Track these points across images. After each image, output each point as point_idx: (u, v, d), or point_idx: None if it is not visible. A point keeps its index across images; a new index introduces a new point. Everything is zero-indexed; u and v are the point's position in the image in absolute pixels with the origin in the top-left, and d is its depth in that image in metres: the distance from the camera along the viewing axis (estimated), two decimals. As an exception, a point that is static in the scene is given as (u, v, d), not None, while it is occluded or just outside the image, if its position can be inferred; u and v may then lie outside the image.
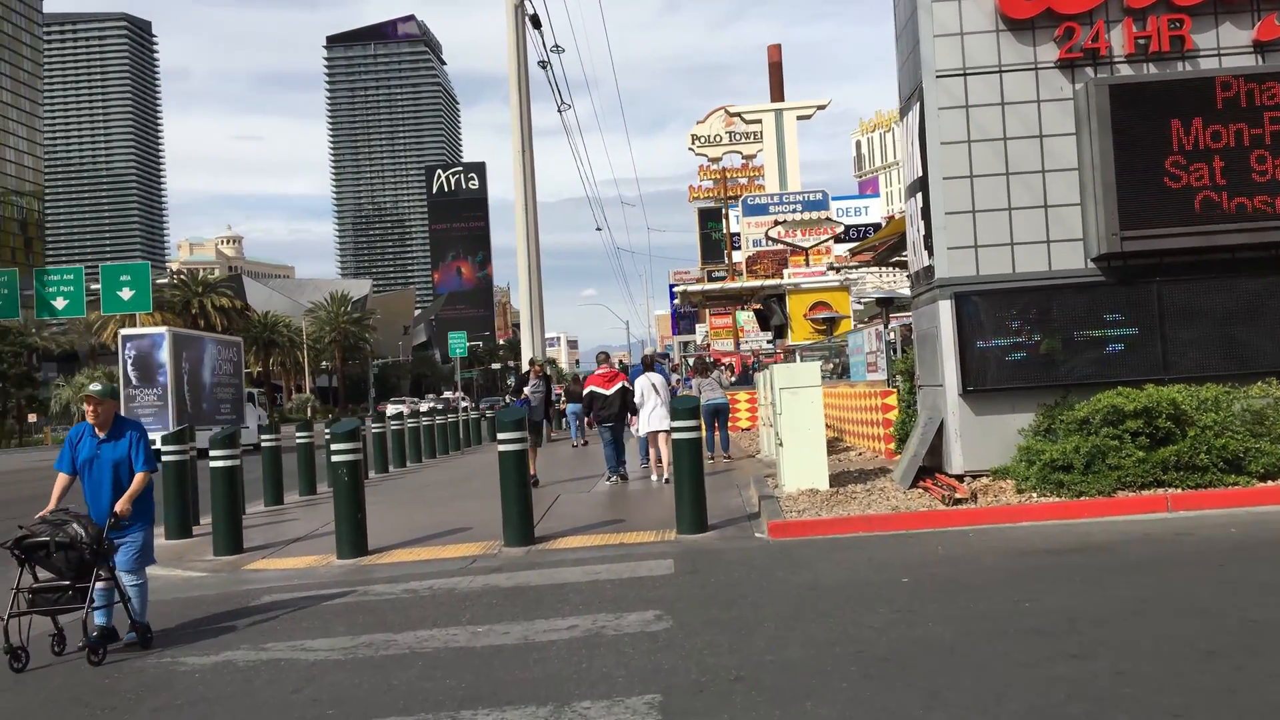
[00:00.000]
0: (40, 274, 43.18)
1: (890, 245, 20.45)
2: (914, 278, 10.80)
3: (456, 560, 8.75)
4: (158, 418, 25.53)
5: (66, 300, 42.67)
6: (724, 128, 69.27)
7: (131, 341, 27.58)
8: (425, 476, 17.96)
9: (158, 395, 26.57)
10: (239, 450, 10.22)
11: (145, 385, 26.57)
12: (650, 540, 8.99)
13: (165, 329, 29.05)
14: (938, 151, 9.82)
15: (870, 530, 8.57)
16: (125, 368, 26.73)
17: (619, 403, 13.09)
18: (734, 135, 68.49)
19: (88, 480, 6.19)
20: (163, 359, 26.69)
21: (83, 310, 44.31)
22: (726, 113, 60.00)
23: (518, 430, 9.20)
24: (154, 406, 26.41)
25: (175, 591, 8.48)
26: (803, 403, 10.15)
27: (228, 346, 32.96)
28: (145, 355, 26.93)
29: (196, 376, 28.74)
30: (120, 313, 51.14)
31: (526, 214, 25.92)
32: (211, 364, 30.27)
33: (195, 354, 29.08)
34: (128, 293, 44.07)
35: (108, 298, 44.30)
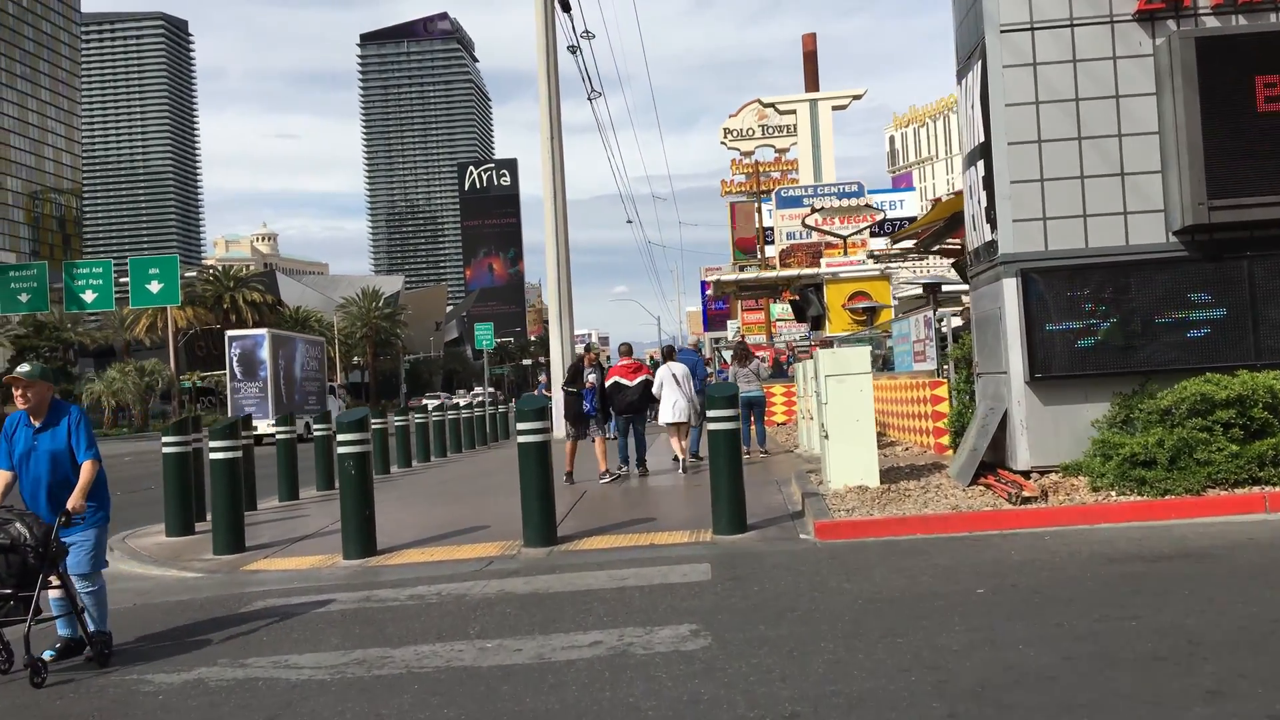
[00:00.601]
0: (69, 267, 43.19)
1: (934, 231, 19.48)
2: (973, 255, 9.87)
3: (471, 562, 7.97)
4: (259, 408, 29.12)
5: (96, 293, 42.65)
6: (756, 121, 68.14)
7: (237, 341, 31.53)
8: (448, 471, 17.25)
9: (259, 388, 30.60)
10: (240, 442, 9.51)
11: (248, 380, 30.73)
12: (684, 541, 8.16)
13: (266, 330, 33.11)
14: (1002, 114, 8.90)
15: (929, 532, 7.69)
16: (231, 364, 30.81)
17: (640, 394, 13.01)
18: (766, 129, 67.35)
19: (25, 476, 5.44)
20: (263, 356, 30.65)
21: (111, 303, 44.32)
22: (760, 104, 58.89)
23: (538, 421, 8.40)
24: (256, 398, 30.41)
25: (165, 594, 7.77)
26: (851, 391, 9.27)
27: (314, 345, 37.08)
28: (248, 353, 30.96)
29: (290, 371, 32.52)
30: (149, 306, 51.13)
31: (556, 201, 25.10)
32: (301, 360, 34.03)
33: (289, 352, 32.76)
34: (156, 286, 44.01)
35: (136, 291, 44.27)
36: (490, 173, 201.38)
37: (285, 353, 32.40)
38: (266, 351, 30.77)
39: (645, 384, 13.03)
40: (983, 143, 9.17)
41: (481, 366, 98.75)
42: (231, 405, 31.12)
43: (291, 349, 33.43)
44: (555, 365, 25.16)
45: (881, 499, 8.73)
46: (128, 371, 55.95)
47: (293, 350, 33.43)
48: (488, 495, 12.52)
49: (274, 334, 32.37)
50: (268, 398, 30.21)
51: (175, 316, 64.61)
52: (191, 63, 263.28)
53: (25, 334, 72.93)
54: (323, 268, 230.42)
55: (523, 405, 8.52)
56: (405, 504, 12.37)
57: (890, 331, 18.65)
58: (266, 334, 31.77)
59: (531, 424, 8.39)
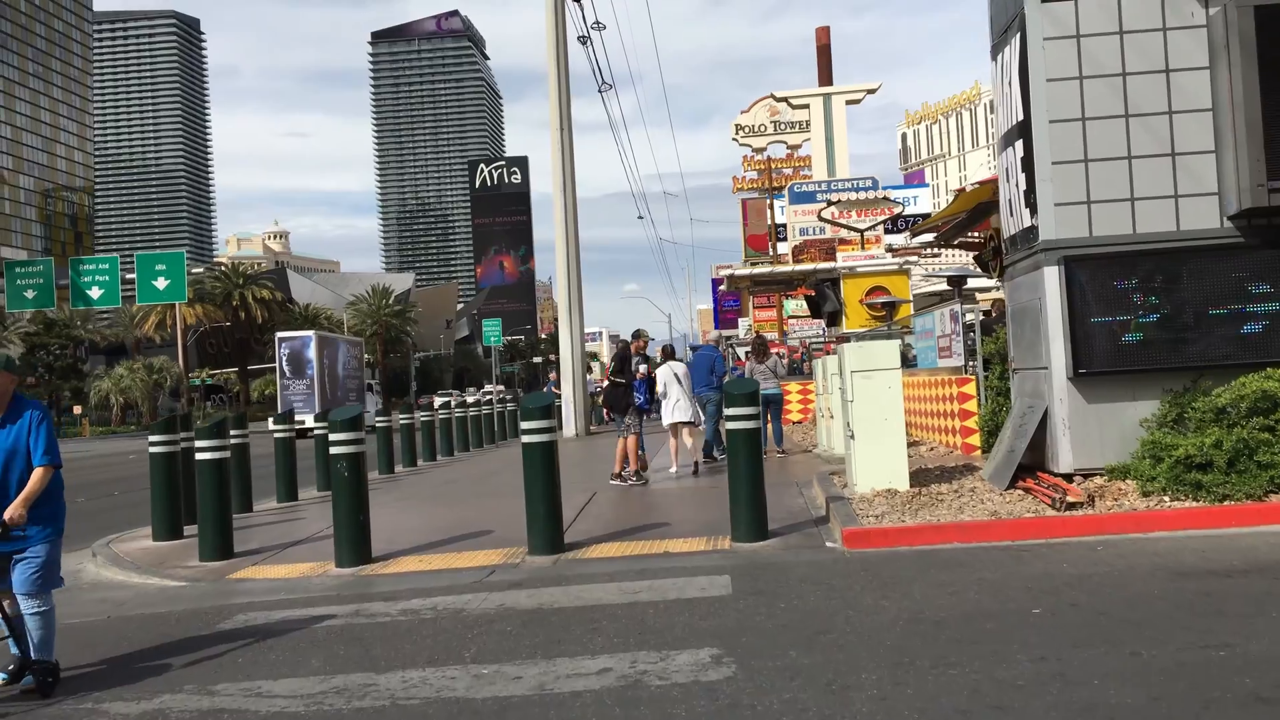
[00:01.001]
0: (75, 263, 42.75)
1: (957, 224, 18.82)
2: (1009, 243, 9.24)
3: (471, 571, 7.39)
4: (306, 404, 31.63)
5: (102, 290, 42.18)
6: (768, 118, 67.43)
7: (286, 342, 34.39)
8: (453, 471, 16.70)
9: (306, 385, 33.20)
10: (228, 441, 8.96)
11: (296, 377, 33.42)
12: (700, 549, 7.56)
13: (312, 332, 35.77)
14: (1042, 90, 8.27)
15: (967, 540, 7.08)
16: (280, 363, 33.52)
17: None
18: (779, 125, 66.63)
19: None
20: (310, 356, 33.48)
21: (118, 300, 43.90)
22: (773, 99, 58.17)
23: (544, 420, 7.82)
24: (304, 395, 32.93)
25: (143, 605, 7.22)
26: (879, 388, 8.66)
27: (354, 345, 40.02)
28: (296, 353, 33.77)
29: (333, 370, 35.21)
30: (156, 303, 50.86)
31: (565, 194, 24.51)
32: (343, 360, 36.84)
33: (332, 352, 35.50)
34: (163, 282, 43.53)
35: (143, 287, 43.81)
36: (501, 170, 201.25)
37: (329, 353, 35.00)
38: (313, 351, 33.51)
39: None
40: (1021, 121, 8.54)
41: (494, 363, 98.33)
42: (280, 401, 33.30)
43: (335, 349, 36.15)
44: (565, 362, 24.59)
45: (912, 504, 8.12)
46: (136, 369, 55.73)
47: (335, 350, 36.18)
48: (492, 497, 11.94)
49: (320, 335, 35.24)
50: (314, 394, 32.74)
51: (185, 314, 64.32)
52: (204, 61, 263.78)
53: (36, 331, 72.83)
54: (334, 265, 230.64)
55: (528, 404, 7.94)
56: (406, 506, 11.81)
57: (911, 327, 18.02)
58: (313, 335, 34.65)
59: (537, 423, 7.80)
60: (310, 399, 32.38)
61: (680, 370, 12.76)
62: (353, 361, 38.16)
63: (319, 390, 33.09)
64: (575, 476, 13.39)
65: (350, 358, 37.85)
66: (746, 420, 7.76)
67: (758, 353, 14.20)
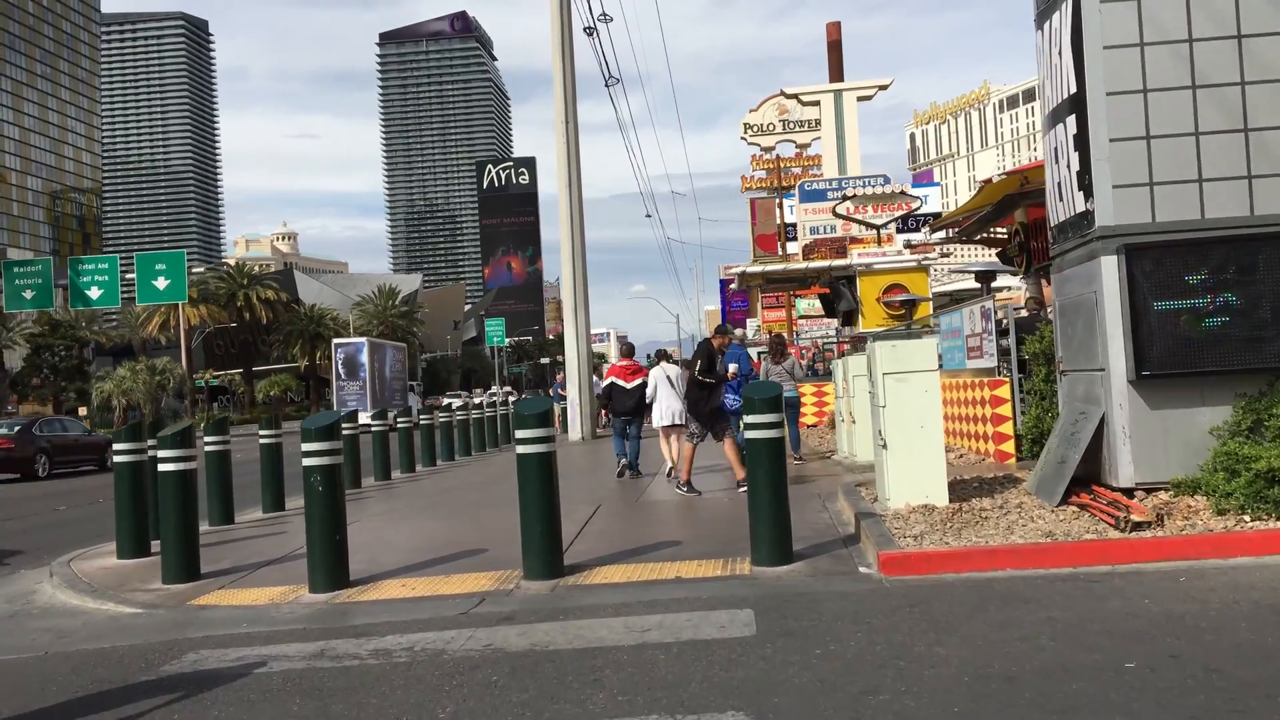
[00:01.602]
0: (75, 263, 42.08)
1: (981, 218, 17.94)
2: (1057, 231, 8.36)
3: (459, 599, 6.54)
4: (359, 402, 35.40)
5: (102, 290, 41.49)
6: (777, 116, 66.62)
7: (341, 347, 38.93)
8: (452, 478, 15.86)
9: (359, 387, 37.20)
10: (193, 451, 8.12)
11: (351, 379, 37.53)
12: (717, 574, 6.70)
13: (365, 339, 40.09)
14: (1099, 59, 7.39)
15: (1022, 566, 6.21)
16: (336, 366, 37.87)
17: (638, 397, 12.64)
18: (788, 124, 65.81)
19: None
20: (363, 360, 37.60)
21: (117, 300, 43.21)
22: (783, 95, 57.25)
23: (541, 427, 6.97)
24: (357, 395, 37.05)
25: (88, 639, 6.39)
26: (914, 392, 7.79)
27: (398, 349, 44.38)
28: (351, 357, 37.92)
29: (382, 372, 38.89)
30: (157, 303, 50.14)
31: (570, 189, 23.67)
32: (390, 363, 40.71)
33: (380, 356, 39.46)
34: (163, 282, 42.85)
35: (143, 287, 43.15)
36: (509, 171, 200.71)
37: (379, 357, 38.75)
38: (365, 356, 37.50)
39: (643, 386, 12.58)
40: (1073, 94, 7.65)
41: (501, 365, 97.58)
42: (336, 401, 37.04)
43: (383, 353, 39.86)
44: (570, 363, 23.76)
45: (953, 522, 7.24)
46: (139, 370, 55.02)
47: (384, 354, 40.24)
48: (490, 508, 11.09)
49: (371, 341, 39.55)
50: (366, 394, 36.39)
51: (189, 314, 63.67)
52: (212, 63, 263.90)
53: (41, 332, 72.30)
54: (342, 267, 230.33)
55: (522, 409, 7.09)
56: (396, 519, 10.97)
57: (931, 325, 17.15)
58: (365, 341, 38.93)
59: (533, 432, 6.95)
60: (363, 398, 36.04)
61: (672, 373, 12.43)
62: (397, 364, 41.80)
63: (370, 391, 36.76)
64: (579, 486, 12.57)
65: (395, 361, 41.56)
66: (768, 428, 6.89)
67: (775, 353, 13.34)
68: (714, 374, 10.88)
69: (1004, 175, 15.64)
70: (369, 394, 36.54)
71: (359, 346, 38.16)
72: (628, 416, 12.84)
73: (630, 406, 12.69)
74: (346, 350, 38.24)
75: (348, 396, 36.78)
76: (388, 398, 37.89)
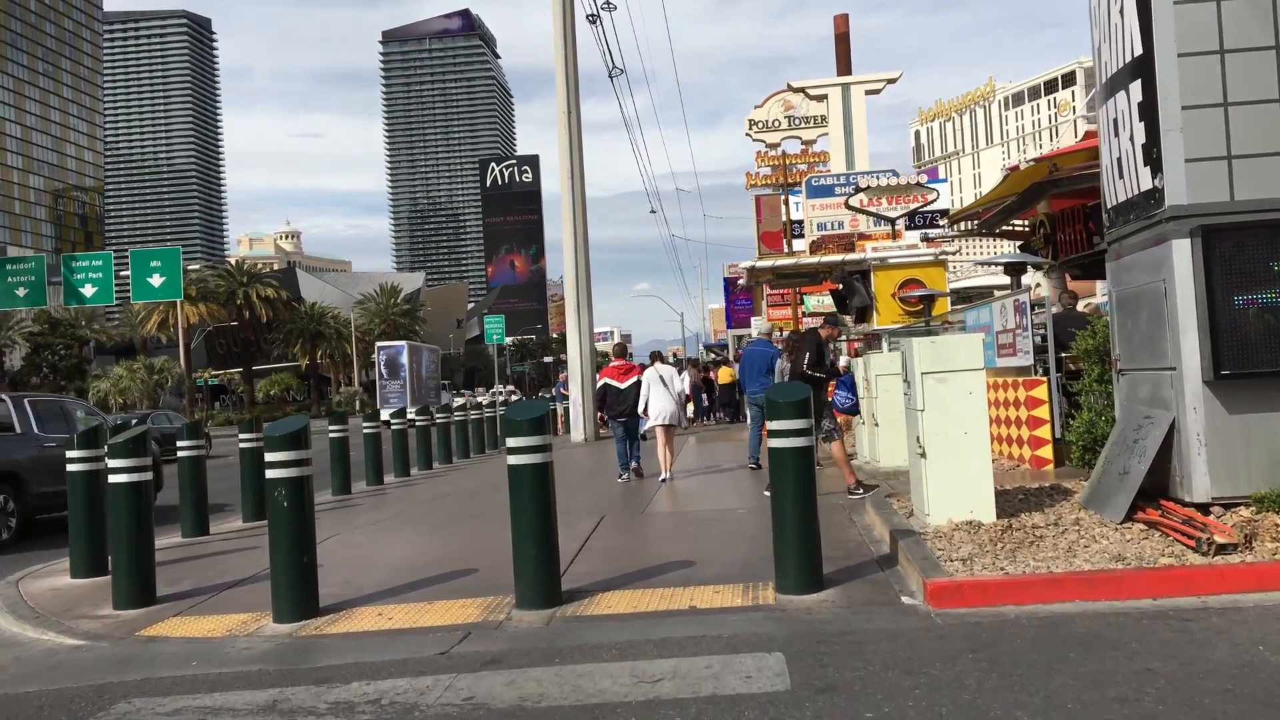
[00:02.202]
0: (68, 260, 41.15)
1: (1003, 209, 17.05)
2: (1114, 214, 7.47)
3: (441, 633, 5.68)
4: (400, 399, 37.74)
5: (95, 287, 40.59)
6: (782, 113, 65.80)
7: (384, 350, 42.30)
8: (447, 483, 15.00)
9: (400, 385, 40.09)
10: (147, 460, 7.26)
11: (392, 379, 40.65)
12: (737, 604, 5.84)
13: (404, 343, 43.04)
14: (1169, 14, 6.50)
15: (1094, 598, 5.33)
16: (379, 367, 41.08)
17: (634, 397, 12.51)
18: (793, 120, 64.98)
19: None
20: (403, 361, 40.86)
21: (111, 298, 42.24)
22: (790, 89, 56.40)
23: (535, 435, 6.10)
24: (398, 393, 39.65)
25: (15, 679, 5.53)
26: (957, 394, 6.91)
27: (433, 352, 48.05)
28: (392, 359, 41.23)
29: (419, 372, 42.14)
30: (152, 300, 49.28)
31: (573, 181, 22.81)
32: (426, 364, 44.26)
33: (418, 357, 42.83)
34: (158, 279, 41.89)
35: (137, 285, 42.19)
36: (512, 169, 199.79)
37: (416, 358, 42.05)
38: (405, 357, 40.72)
39: (637, 386, 12.50)
40: (1139, 57, 6.76)
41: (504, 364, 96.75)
42: (380, 399, 39.78)
43: (420, 355, 43.24)
44: (573, 361, 22.90)
45: (1004, 541, 6.37)
46: (136, 369, 54.23)
47: (421, 356, 43.58)
48: (485, 519, 10.22)
49: (410, 345, 42.81)
50: (406, 392, 39.24)
51: (188, 313, 62.92)
52: (215, 61, 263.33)
53: (40, 331, 71.60)
54: (345, 265, 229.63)
55: (514, 413, 6.22)
56: (381, 531, 10.11)
57: (952, 322, 16.26)
58: (405, 345, 42.23)
59: (525, 440, 6.09)
60: (403, 395, 38.82)
61: (666, 373, 12.59)
62: (432, 365, 45.52)
63: (410, 389, 39.80)
64: (581, 492, 11.73)
65: (430, 362, 45.38)
66: (795, 436, 6.02)
67: (794, 350, 12.47)
68: (823, 368, 10.08)
69: (1031, 163, 14.76)
70: (409, 392, 39.40)
71: (399, 349, 41.42)
72: (625, 418, 12.67)
73: (627, 407, 12.55)
74: (389, 352, 41.38)
75: (390, 395, 39.73)
76: (424, 395, 40.96)
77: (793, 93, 56.89)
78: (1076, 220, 16.19)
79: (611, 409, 12.64)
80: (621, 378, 12.61)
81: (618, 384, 12.57)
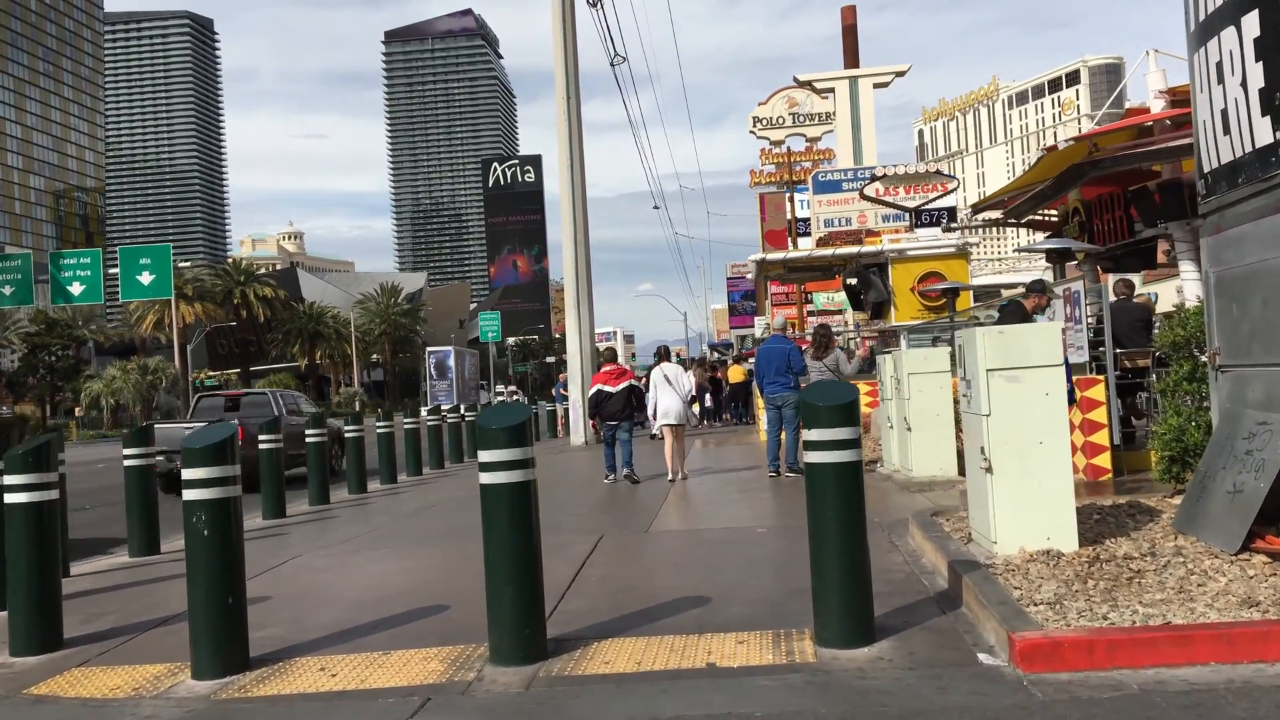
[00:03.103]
0: (55, 258, 40.07)
1: (1036, 194, 15.78)
2: (1212, 179, 6.24)
3: (389, 701, 4.47)
4: (447, 398, 41.07)
5: (84, 285, 39.52)
6: (786, 109, 64.79)
7: (434, 354, 47.68)
8: (434, 491, 13.78)
9: (447, 385, 44.23)
10: (52, 476, 6.05)
11: (440, 379, 46.04)
12: (767, 661, 4.62)
13: (451, 348, 48.27)
14: (1297, -73, 5.28)
15: (1234, 659, 4.11)
16: (429, 368, 45.63)
17: (624, 401, 12.27)
18: (797, 117, 63.98)
19: None
20: (450, 364, 45.83)
21: (100, 296, 41.23)
22: (796, 82, 55.18)
23: (511, 447, 4.88)
24: (445, 391, 43.58)
25: None
26: (1031, 396, 5.69)
27: (473, 355, 52.81)
28: (441, 361, 46.19)
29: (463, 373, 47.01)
30: (141, 299, 48.23)
31: (572, 168, 21.59)
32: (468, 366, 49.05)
33: (462, 360, 47.80)
34: (147, 277, 40.84)
35: (126, 283, 41.13)
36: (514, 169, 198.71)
37: (461, 361, 47.01)
38: (452, 360, 45.64)
39: (629, 390, 12.27)
40: (1255, -18, 5.54)
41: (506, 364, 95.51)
42: (430, 397, 43.43)
43: (464, 359, 48.38)
44: (573, 360, 21.71)
45: (1094, 578, 5.15)
46: (129, 370, 53.05)
47: (464, 359, 48.52)
48: (467, 537, 8.99)
49: (456, 350, 48.14)
50: (453, 391, 43.38)
51: (184, 312, 61.80)
52: (217, 62, 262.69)
53: (37, 331, 70.50)
54: (348, 266, 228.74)
55: (487, 422, 5.00)
56: (348, 552, 8.88)
57: (980, 318, 15.07)
58: (452, 349, 47.68)
59: (501, 454, 4.87)
60: (450, 394, 42.92)
61: (671, 372, 12.52)
62: (473, 367, 50.08)
63: (456, 388, 44.21)
64: (577, 506, 10.53)
65: (471, 365, 49.90)
66: (840, 448, 4.80)
67: (818, 346, 11.27)
68: None
69: (1071, 141, 13.52)
70: (455, 391, 43.66)
71: (447, 353, 46.84)
72: (615, 422, 12.42)
73: (616, 411, 12.29)
74: (437, 355, 47.01)
75: (438, 394, 43.92)
76: (467, 394, 45.34)
77: (799, 87, 55.69)
78: (1116, 206, 14.95)
79: (604, 414, 12.43)
80: (613, 382, 12.37)
81: (609, 388, 12.32)
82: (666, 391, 12.36)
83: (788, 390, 11.29)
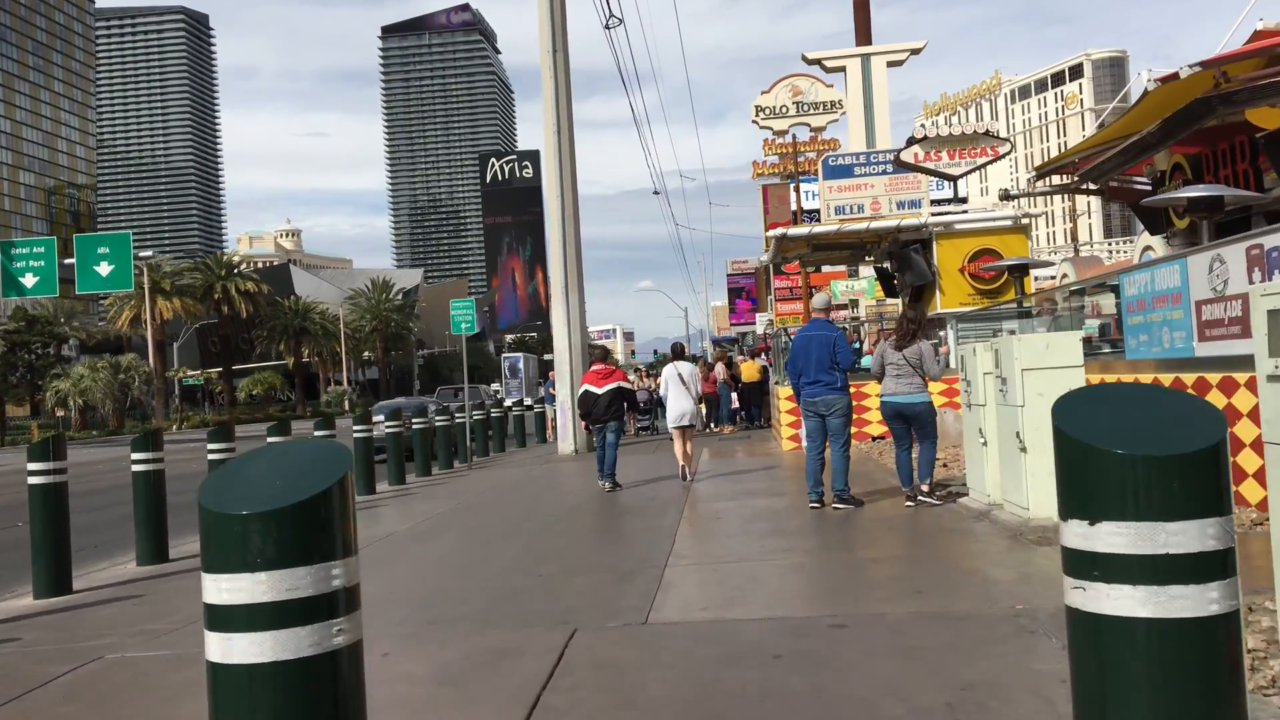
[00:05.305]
0: (5, 247, 36.92)
1: (1133, 144, 12.63)
2: None
3: None
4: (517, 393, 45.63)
5: (37, 277, 36.42)
6: (790, 98, 62.03)
7: (508, 359, 54.22)
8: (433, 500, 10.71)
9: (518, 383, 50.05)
10: None
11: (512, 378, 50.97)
12: None
13: (522, 354, 55.05)
14: None
15: None
16: (504, 370, 52.33)
17: (609, 402, 11.63)
18: (801, 106, 61.26)
19: None
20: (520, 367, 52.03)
21: (55, 288, 37.73)
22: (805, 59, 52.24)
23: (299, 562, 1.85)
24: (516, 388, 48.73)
25: None
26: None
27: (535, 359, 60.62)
28: (514, 364, 52.51)
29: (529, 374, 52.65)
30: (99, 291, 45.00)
31: (560, 136, 18.54)
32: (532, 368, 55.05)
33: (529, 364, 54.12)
34: (105, 268, 37.52)
35: (83, 274, 37.80)
36: (512, 165, 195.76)
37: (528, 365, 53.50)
38: (522, 364, 52.25)
39: (617, 391, 11.66)
40: None
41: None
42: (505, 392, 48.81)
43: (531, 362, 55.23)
44: (560, 356, 18.68)
45: None
46: (100, 368, 49.97)
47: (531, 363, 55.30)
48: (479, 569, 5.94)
49: (525, 356, 55.10)
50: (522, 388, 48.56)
51: (162, 308, 58.81)
52: (213, 58, 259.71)
53: (16, 329, 67.51)
54: (346, 263, 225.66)
55: (217, 495, 1.97)
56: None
57: (1091, 306, 12.13)
58: (522, 356, 54.24)
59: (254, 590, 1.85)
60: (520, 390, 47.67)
61: (685, 371, 12.19)
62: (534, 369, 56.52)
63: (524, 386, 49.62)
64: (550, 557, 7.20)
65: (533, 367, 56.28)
66: (1186, 578, 1.76)
67: (903, 334, 8.19)
68: None
69: (1191, 69, 10.46)
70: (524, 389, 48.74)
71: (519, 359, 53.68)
72: (601, 424, 11.79)
73: (601, 412, 11.69)
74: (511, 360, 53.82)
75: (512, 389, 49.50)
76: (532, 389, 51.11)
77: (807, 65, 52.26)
78: (1238, 158, 11.93)
79: (592, 416, 11.83)
80: (600, 383, 11.77)
81: (596, 389, 11.73)
82: (680, 392, 11.97)
83: (834, 392, 8.31)
